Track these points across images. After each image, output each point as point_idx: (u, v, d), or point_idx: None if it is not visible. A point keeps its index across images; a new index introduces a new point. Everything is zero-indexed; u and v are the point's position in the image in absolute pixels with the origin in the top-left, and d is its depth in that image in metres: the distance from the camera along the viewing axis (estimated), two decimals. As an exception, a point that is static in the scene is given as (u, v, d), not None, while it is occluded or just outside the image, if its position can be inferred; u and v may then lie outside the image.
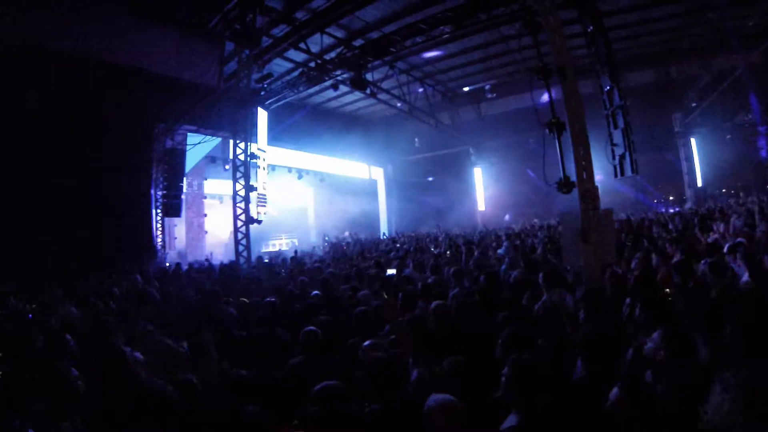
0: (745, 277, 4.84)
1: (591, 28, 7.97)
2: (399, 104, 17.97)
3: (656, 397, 2.56)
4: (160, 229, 15.46)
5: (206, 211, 17.56)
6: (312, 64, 13.20)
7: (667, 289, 4.61)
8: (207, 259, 12.85)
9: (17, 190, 11.11)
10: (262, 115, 13.69)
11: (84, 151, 12.36)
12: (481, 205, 24.58)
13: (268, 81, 13.37)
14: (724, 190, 20.79)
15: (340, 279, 7.50)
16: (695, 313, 3.35)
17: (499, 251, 8.39)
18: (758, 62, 15.38)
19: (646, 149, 20.52)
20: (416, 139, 22.75)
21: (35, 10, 8.52)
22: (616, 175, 7.22)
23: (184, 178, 15.78)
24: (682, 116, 20.27)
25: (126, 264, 11.61)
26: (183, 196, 15.66)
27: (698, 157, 20.68)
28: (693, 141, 20.66)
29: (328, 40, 13.09)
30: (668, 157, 21.42)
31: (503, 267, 7.07)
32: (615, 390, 2.44)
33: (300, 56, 13.66)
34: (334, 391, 2.97)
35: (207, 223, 17.39)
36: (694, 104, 19.16)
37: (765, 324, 2.92)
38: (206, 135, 16.26)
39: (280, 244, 19.30)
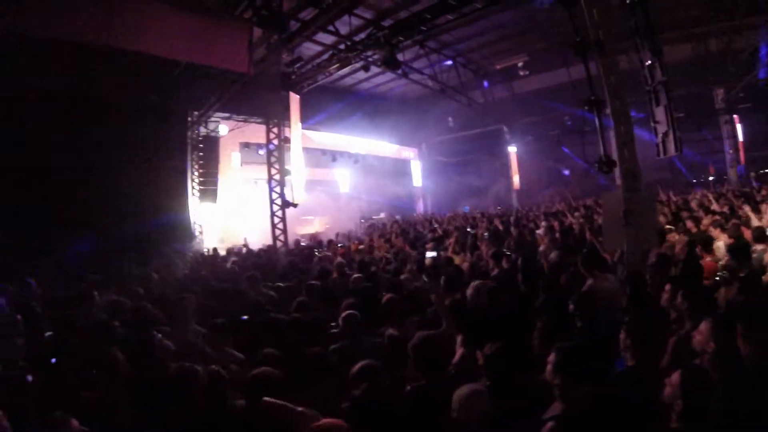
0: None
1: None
2: (431, 83, 17.72)
3: (714, 385, 2.50)
4: (198, 215, 15.82)
5: (242, 197, 17.76)
6: (341, 47, 13.09)
7: (717, 276, 4.40)
8: (245, 244, 13.05)
9: (59, 181, 11.55)
10: (294, 100, 13.74)
11: (121, 142, 12.86)
12: (516, 184, 24.11)
13: (298, 65, 13.36)
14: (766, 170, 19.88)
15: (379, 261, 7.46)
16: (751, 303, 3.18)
17: (538, 231, 8.21)
18: None
19: (686, 128, 19.87)
20: (450, 119, 22.40)
21: (59, 3, 8.62)
22: (659, 154, 6.95)
23: (219, 165, 16.01)
24: (724, 92, 19.32)
25: (165, 249, 11.99)
26: (218, 183, 15.90)
27: (742, 135, 19.75)
28: (736, 118, 19.71)
29: (356, 22, 12.95)
30: (708, 135, 20.58)
31: (540, 248, 6.95)
32: (675, 376, 2.39)
33: (329, 39, 13.57)
34: (373, 369, 3.01)
35: (243, 209, 17.61)
36: (735, 79, 18.20)
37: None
38: (239, 121, 16.50)
39: (316, 226, 19.41)
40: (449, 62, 18.21)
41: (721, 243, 5.89)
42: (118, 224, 11.98)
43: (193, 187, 15.72)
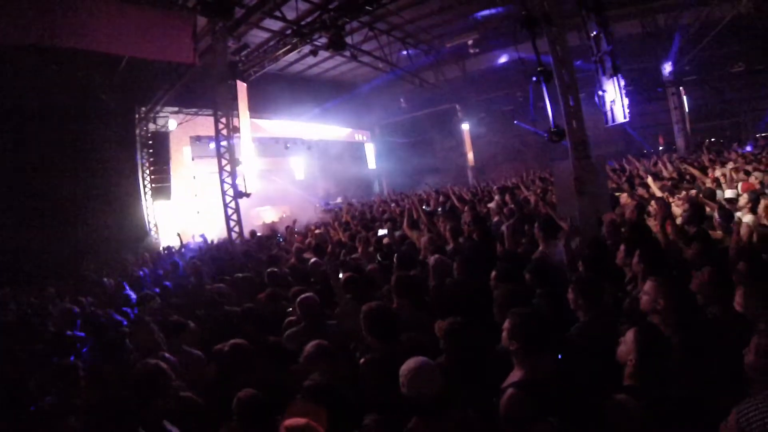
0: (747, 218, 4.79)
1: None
2: (381, 66, 17.58)
3: (669, 344, 2.50)
4: (150, 213, 15.32)
5: (196, 192, 17.29)
6: (288, 32, 12.79)
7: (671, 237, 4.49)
8: (203, 238, 12.70)
9: (6, 186, 11.08)
10: (242, 88, 13.41)
11: (66, 142, 12.38)
12: (471, 161, 24.40)
13: (244, 52, 13.01)
14: (713, 139, 20.80)
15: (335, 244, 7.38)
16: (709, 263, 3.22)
17: (490, 205, 8.26)
18: (745, 12, 15.04)
19: (635, 100, 20.53)
20: (401, 100, 22.38)
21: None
22: (607, 123, 7.07)
23: (170, 161, 15.49)
24: (671, 65, 20.00)
25: (120, 251, 11.59)
26: (170, 179, 15.39)
27: (688, 106, 20.55)
28: (682, 90, 20.46)
29: (303, 6, 12.64)
30: (656, 107, 21.30)
31: (494, 220, 7.00)
32: (629, 334, 2.38)
33: (276, 25, 13.24)
34: (324, 349, 3.00)
35: (198, 203, 17.13)
36: (682, 54, 18.88)
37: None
38: (188, 114, 16.00)
39: (273, 215, 19.08)
40: (403, 51, 18.09)
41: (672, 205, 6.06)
42: (70, 228, 11.74)
43: (145, 186, 15.20)
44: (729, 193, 6.39)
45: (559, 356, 2.64)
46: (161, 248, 13.56)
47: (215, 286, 5.87)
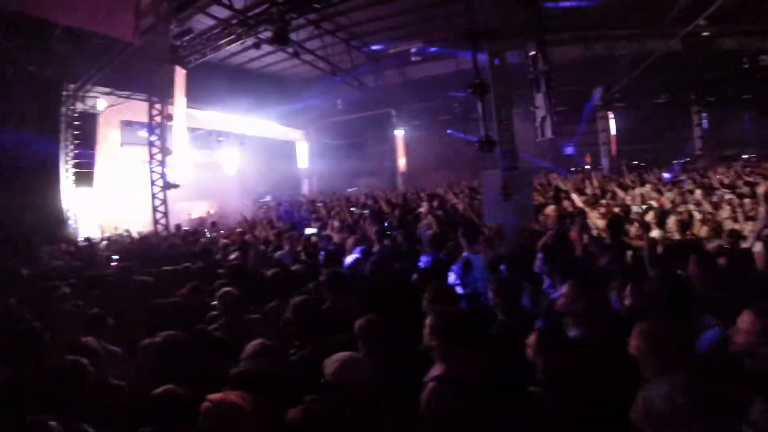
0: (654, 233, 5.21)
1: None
2: (322, 65, 17.51)
3: (569, 342, 2.70)
4: (71, 200, 14.35)
5: (122, 181, 16.38)
6: (234, 21, 12.48)
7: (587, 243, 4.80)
8: (127, 230, 12.10)
9: None
10: (180, 75, 12.91)
11: None
12: (402, 167, 24.74)
13: (187, 37, 12.54)
14: (635, 162, 22.38)
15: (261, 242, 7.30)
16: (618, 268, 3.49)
17: (420, 210, 8.45)
18: (675, 49, 16.36)
19: (569, 120, 21.82)
20: (338, 101, 22.33)
21: None
22: (536, 137, 7.43)
23: (96, 145, 14.63)
24: (603, 91, 21.35)
25: (36, 240, 10.78)
26: (95, 165, 14.54)
27: (615, 130, 22.00)
28: (610, 114, 21.88)
29: (253, -5, 12.43)
30: (587, 128, 22.65)
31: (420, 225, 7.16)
32: (531, 337, 2.55)
33: (223, 13, 12.88)
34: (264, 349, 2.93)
35: (125, 193, 16.28)
36: (614, 81, 20.21)
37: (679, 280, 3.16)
38: (121, 97, 15.15)
39: (200, 209, 18.49)
40: (345, 52, 18.07)
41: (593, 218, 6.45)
42: None
43: (66, 170, 14.22)
44: (635, 209, 6.92)
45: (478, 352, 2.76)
46: (81, 239, 12.75)
47: (140, 278, 5.65)
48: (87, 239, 12.01)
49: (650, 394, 1.68)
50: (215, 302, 4.34)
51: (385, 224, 6.98)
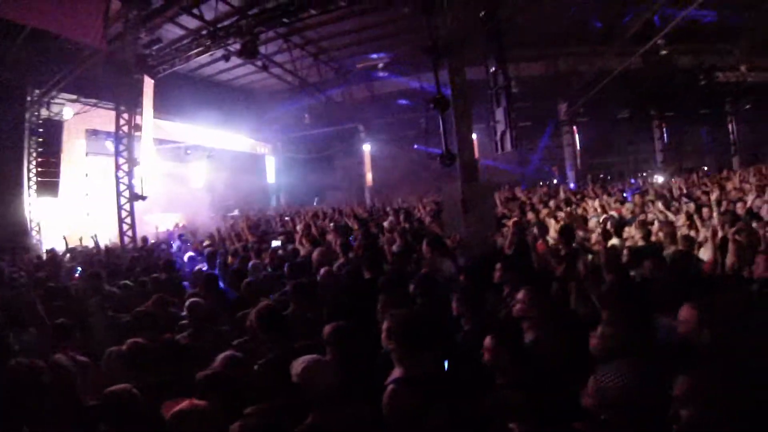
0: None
1: (483, 13, 8.34)
2: (290, 79, 17.66)
3: (525, 345, 2.91)
4: (33, 211, 14.00)
5: (87, 191, 16.08)
6: (204, 32, 12.50)
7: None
8: (94, 235, 11.85)
9: None
10: (148, 84, 12.83)
11: None
12: (369, 182, 24.99)
13: (156, 47, 12.48)
14: (601, 175, 23.15)
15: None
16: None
17: (384, 223, 8.62)
18: (635, 66, 17.10)
19: (535, 135, 22.48)
20: (306, 115, 22.27)
21: None
22: (497, 150, 7.69)
23: (61, 154, 14.30)
24: (567, 106, 22.05)
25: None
26: (60, 174, 14.20)
27: (579, 144, 22.75)
28: (575, 129, 22.62)
29: (223, 8, 12.44)
30: (553, 143, 23.33)
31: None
32: (487, 339, 2.70)
33: (193, 23, 12.90)
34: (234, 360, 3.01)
35: (88, 204, 15.94)
36: (578, 97, 20.92)
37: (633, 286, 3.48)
38: (87, 105, 14.88)
39: (166, 222, 18.22)
40: (313, 65, 18.17)
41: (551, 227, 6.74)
42: None
43: (29, 179, 13.87)
44: (593, 219, 7.24)
45: (445, 361, 2.90)
46: (44, 250, 12.43)
47: (107, 290, 5.63)
48: (51, 250, 11.73)
49: (604, 376, 1.81)
50: (183, 313, 4.41)
51: (350, 238, 7.11)
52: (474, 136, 7.51)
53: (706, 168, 21.10)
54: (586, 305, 3.45)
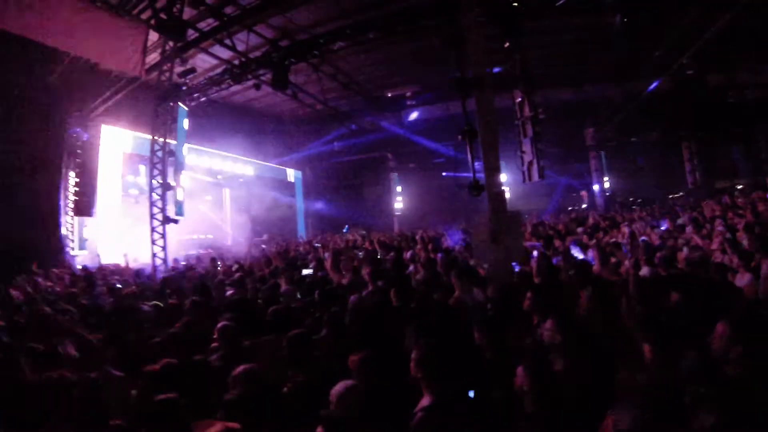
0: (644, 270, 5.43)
1: (508, 44, 8.49)
2: (320, 107, 17.97)
3: (555, 374, 2.89)
4: (71, 229, 14.50)
5: (121, 212, 16.53)
6: (236, 62, 12.94)
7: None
8: (126, 260, 12.24)
9: None
10: (182, 112, 13.29)
11: None
12: (398, 209, 25.35)
13: (191, 75, 12.97)
14: (631, 199, 22.79)
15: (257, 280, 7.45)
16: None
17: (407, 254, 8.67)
18: (663, 88, 16.97)
19: (563, 160, 22.34)
20: (335, 143, 22.79)
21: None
22: (524, 180, 7.72)
23: (98, 175, 14.83)
24: (594, 131, 21.94)
25: (32, 266, 10.85)
26: (96, 195, 14.71)
27: (608, 168, 22.56)
28: (603, 154, 22.44)
29: (255, 40, 12.91)
30: (582, 168, 23.13)
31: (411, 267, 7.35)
32: (519, 369, 2.72)
33: (226, 53, 13.38)
34: (251, 374, 3.11)
35: (122, 225, 16.44)
36: (606, 121, 20.82)
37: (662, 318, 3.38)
38: (124, 129, 15.48)
39: (197, 245, 18.62)
40: (342, 94, 18.44)
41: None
42: None
43: (66, 197, 14.39)
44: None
45: (471, 391, 2.94)
46: (78, 266, 12.86)
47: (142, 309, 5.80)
48: (84, 267, 12.12)
49: (617, 416, 1.84)
50: (214, 335, 4.52)
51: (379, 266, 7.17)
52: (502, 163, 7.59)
53: (739, 187, 20.56)
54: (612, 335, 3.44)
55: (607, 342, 3.39)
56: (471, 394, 2.96)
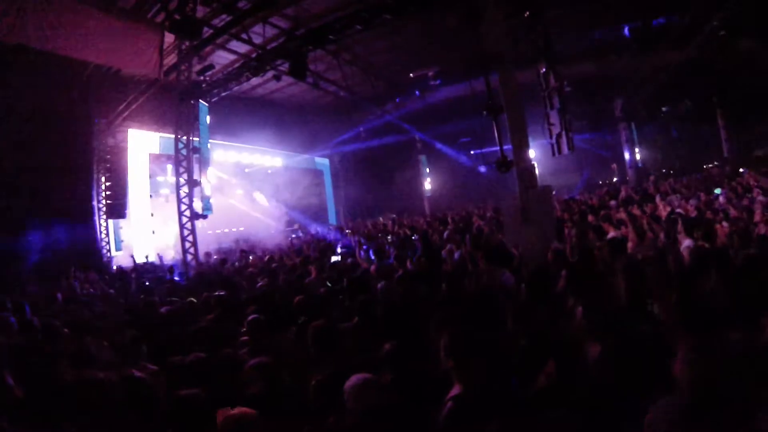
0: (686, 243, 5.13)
1: (528, 14, 8.15)
2: (342, 94, 17.83)
3: (587, 367, 2.72)
4: (105, 231, 14.87)
5: (152, 211, 16.93)
6: (254, 56, 12.90)
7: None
8: (161, 258, 12.51)
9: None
10: (204, 109, 13.37)
11: (16, 148, 11.72)
12: (428, 191, 25.14)
13: (209, 73, 13.02)
14: (664, 170, 22.02)
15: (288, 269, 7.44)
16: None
17: (445, 234, 8.50)
18: (690, 57, 16.19)
19: (592, 134, 21.69)
20: (361, 129, 22.59)
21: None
22: (553, 154, 7.45)
23: (128, 178, 15.13)
24: (624, 102, 21.19)
25: (69, 267, 11.18)
26: (127, 196, 15.03)
27: (637, 140, 21.81)
28: (633, 125, 21.70)
29: (271, 32, 12.84)
30: (612, 140, 22.43)
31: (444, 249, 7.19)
32: (549, 365, 2.59)
33: (242, 48, 13.36)
34: (266, 367, 3.10)
35: (153, 224, 16.79)
36: (634, 92, 20.04)
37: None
38: (149, 131, 15.75)
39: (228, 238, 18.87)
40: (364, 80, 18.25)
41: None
42: (16, 240, 11.16)
43: (99, 201, 14.74)
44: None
45: (513, 380, 2.80)
46: (114, 267, 13.20)
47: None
48: (119, 268, 12.44)
49: (655, 409, 1.69)
50: (243, 329, 4.51)
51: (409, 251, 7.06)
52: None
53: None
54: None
55: (646, 327, 3.19)
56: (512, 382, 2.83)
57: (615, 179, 22.60)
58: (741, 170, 15.47)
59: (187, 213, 12.42)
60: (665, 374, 2.30)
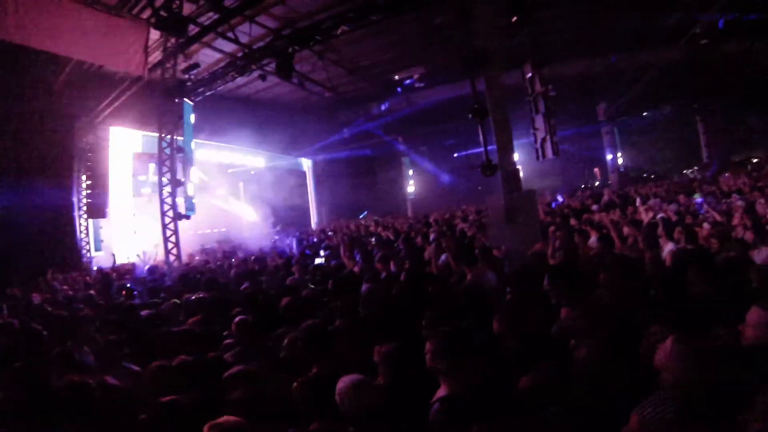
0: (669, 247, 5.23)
1: (516, 18, 8.22)
2: (327, 95, 17.80)
3: (577, 363, 2.75)
4: (85, 231, 14.62)
5: (134, 211, 16.67)
6: (240, 55, 12.81)
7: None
8: (144, 258, 12.33)
9: None
10: (188, 108, 13.22)
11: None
12: (410, 193, 25.29)
13: (194, 71, 12.88)
14: (645, 175, 22.40)
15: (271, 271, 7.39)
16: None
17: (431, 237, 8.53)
18: (675, 59, 16.49)
19: (574, 137, 21.94)
20: (345, 130, 22.61)
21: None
22: (538, 158, 7.53)
23: (109, 177, 14.89)
24: (607, 106, 21.48)
25: (48, 271, 10.97)
26: (108, 196, 14.78)
27: (620, 143, 22.16)
28: (615, 129, 22.03)
29: (257, 31, 12.76)
30: (594, 143, 22.75)
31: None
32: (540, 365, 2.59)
33: (229, 47, 13.24)
34: (250, 372, 3.05)
35: (135, 223, 16.54)
36: (618, 95, 20.35)
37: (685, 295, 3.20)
38: (132, 129, 15.53)
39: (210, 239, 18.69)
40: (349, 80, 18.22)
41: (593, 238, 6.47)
42: None
43: (79, 200, 14.49)
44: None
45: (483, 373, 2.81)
46: (94, 268, 12.99)
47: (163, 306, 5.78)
48: (100, 269, 12.23)
49: (645, 410, 1.69)
50: (226, 332, 4.46)
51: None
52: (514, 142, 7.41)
53: (755, 160, 20.04)
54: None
55: (633, 325, 3.24)
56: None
57: (597, 183, 22.93)
58: (720, 175, 15.78)
59: (170, 213, 12.27)
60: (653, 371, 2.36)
